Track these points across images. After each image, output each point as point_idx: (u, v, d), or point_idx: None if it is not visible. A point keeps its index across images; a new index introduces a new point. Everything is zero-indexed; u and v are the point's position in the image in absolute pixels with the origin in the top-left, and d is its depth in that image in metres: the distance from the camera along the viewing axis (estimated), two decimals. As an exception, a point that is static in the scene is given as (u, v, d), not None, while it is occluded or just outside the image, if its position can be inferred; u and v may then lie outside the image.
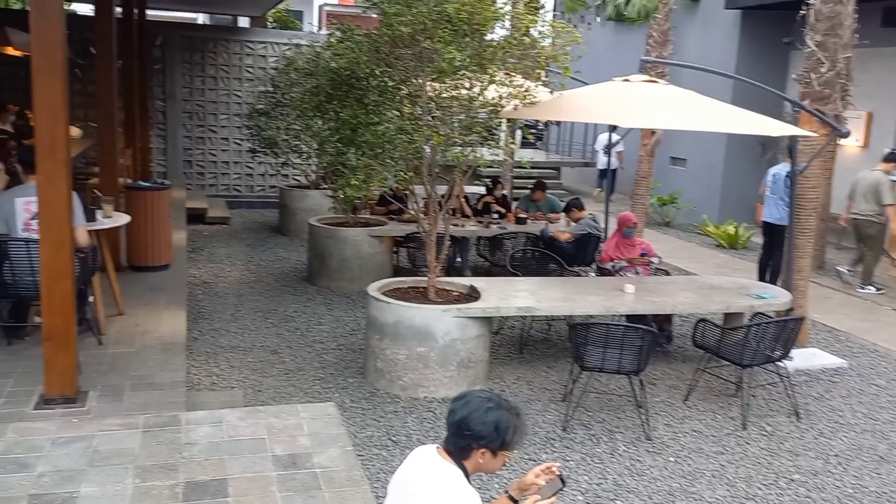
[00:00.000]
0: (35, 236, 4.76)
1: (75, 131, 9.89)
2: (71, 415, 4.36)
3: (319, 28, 20.19)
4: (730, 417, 5.75)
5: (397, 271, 8.93)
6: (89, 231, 5.68)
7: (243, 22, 18.79)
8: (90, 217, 6.14)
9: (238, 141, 14.39)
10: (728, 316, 6.67)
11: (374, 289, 6.13)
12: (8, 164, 6.58)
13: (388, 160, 5.86)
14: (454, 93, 5.82)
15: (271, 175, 14.49)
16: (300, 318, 7.69)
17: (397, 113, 5.79)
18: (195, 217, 12.16)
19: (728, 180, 13.83)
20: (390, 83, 5.99)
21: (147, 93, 12.99)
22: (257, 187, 14.81)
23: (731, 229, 12.21)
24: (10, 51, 9.73)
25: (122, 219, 6.84)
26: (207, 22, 21.57)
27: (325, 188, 11.01)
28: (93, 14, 8.07)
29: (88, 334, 5.61)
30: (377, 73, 5.95)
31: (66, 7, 4.39)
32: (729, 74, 8.78)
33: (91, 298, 5.82)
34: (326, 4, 27.55)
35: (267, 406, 5.17)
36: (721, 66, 11.15)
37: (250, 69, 14.32)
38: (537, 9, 6.31)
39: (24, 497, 2.92)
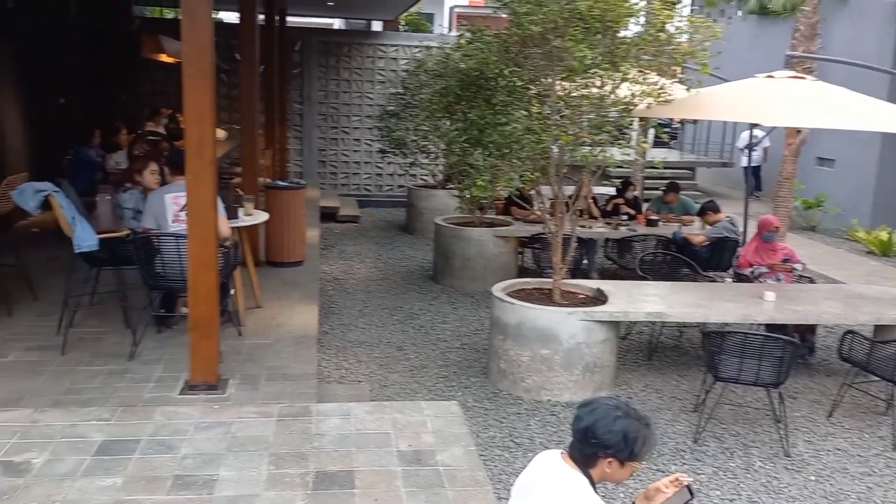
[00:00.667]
0: (184, 231, 5.06)
1: (220, 133, 10.49)
2: (212, 401, 4.62)
3: (449, 30, 20.42)
4: (878, 437, 5.32)
5: (522, 272, 8.88)
6: (232, 228, 5.99)
7: (376, 26, 19.31)
8: (232, 214, 6.48)
9: (369, 142, 14.81)
10: (879, 328, 6.17)
11: (498, 289, 6.12)
12: (160, 163, 7.04)
13: (514, 160, 5.82)
14: (584, 91, 5.70)
15: (399, 175, 14.82)
16: (425, 315, 7.80)
17: (525, 113, 5.74)
18: (327, 215, 12.62)
19: (882, 183, 12.83)
20: (519, 83, 5.96)
21: (286, 96, 13.60)
22: (386, 187, 15.18)
23: (883, 235, 11.32)
24: (164, 58, 10.46)
25: (262, 216, 7.17)
26: (342, 27, 22.31)
27: (451, 188, 11.12)
28: (237, 21, 8.52)
29: (229, 325, 5.91)
30: (506, 73, 5.93)
31: (213, 15, 4.63)
32: (885, 69, 8.14)
33: (232, 291, 6.13)
34: (457, 6, 27.83)
35: (392, 401, 5.27)
36: (876, 61, 10.35)
37: (382, 72, 14.70)
38: (674, 3, 6.07)
39: (170, 477, 3.11)
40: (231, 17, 16.25)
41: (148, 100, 14.06)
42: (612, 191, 10.32)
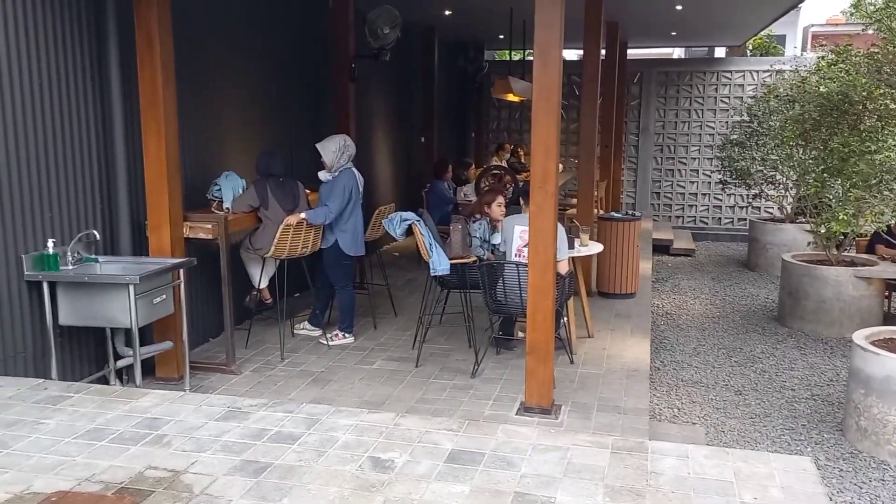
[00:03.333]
0: (524, 260, 5.35)
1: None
2: (546, 425, 4.76)
3: (803, 51, 18.85)
4: None
5: (888, 319, 7.79)
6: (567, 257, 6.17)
7: (719, 52, 18.56)
8: (569, 245, 6.66)
9: (707, 173, 14.24)
10: None
11: (860, 336, 5.44)
12: (504, 195, 7.54)
13: (885, 192, 5.16)
14: (981, 113, 4.87)
15: (741, 207, 14.01)
16: (768, 360, 7.22)
17: (902, 139, 5.07)
18: (660, 248, 12.37)
19: None
20: (892, 106, 5.29)
21: (622, 128, 13.67)
22: (725, 220, 14.42)
23: None
24: (510, 97, 11.18)
25: (596, 247, 7.27)
26: (682, 55, 21.82)
27: (803, 222, 10.22)
28: (576, 59, 8.79)
29: (561, 352, 6.06)
30: (876, 95, 5.31)
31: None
32: None
33: (565, 319, 6.29)
34: (812, 25, 25.57)
35: (733, 448, 4.94)
36: None
37: (725, 99, 14.07)
38: None
39: (511, 493, 3.26)
40: (569, 54, 16.83)
41: (493, 136, 15.16)
42: None
